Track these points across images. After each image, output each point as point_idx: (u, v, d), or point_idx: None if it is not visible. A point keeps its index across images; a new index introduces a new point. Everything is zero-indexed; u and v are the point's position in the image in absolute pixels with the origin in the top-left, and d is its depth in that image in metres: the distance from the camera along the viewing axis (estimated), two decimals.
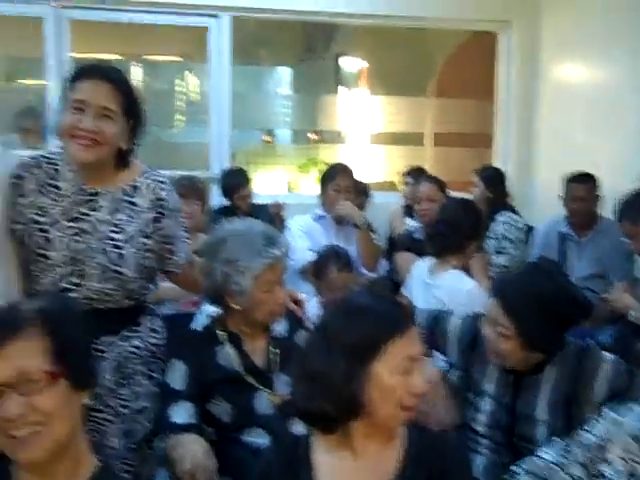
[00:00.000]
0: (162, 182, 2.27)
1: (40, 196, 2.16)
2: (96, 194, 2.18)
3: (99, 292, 2.15)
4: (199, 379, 2.22)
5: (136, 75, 7.88)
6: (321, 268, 3.29)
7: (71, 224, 2.15)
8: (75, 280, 2.14)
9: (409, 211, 4.96)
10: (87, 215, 2.16)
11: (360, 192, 4.50)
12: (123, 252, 2.16)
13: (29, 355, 1.41)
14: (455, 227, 3.27)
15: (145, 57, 8.25)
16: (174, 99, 6.59)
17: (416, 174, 4.98)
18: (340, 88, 7.49)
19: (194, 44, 6.74)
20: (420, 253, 3.67)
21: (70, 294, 2.13)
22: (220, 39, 5.16)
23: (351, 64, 7.51)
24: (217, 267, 2.21)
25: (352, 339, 1.53)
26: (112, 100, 2.10)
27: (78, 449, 1.52)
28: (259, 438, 2.23)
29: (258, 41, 7.07)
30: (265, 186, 5.91)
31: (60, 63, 4.84)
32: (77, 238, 2.14)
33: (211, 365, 2.25)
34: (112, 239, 2.16)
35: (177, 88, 7.04)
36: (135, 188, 2.22)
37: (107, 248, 2.15)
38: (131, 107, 2.16)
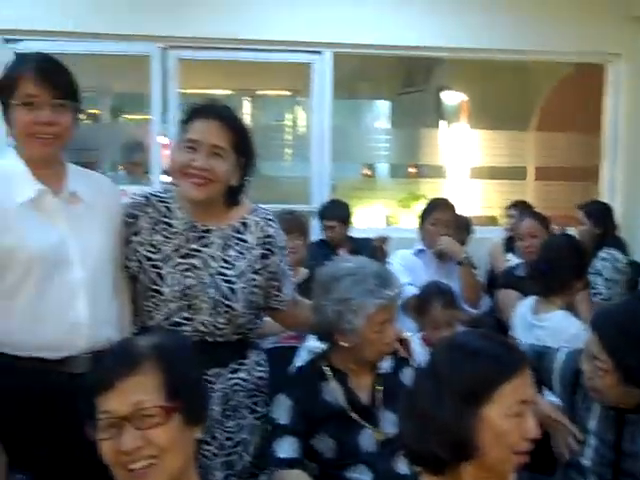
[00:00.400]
0: (270, 220, 2.32)
1: (153, 234, 2.23)
2: (208, 231, 2.24)
3: (209, 325, 2.20)
4: (304, 414, 2.24)
5: (246, 110, 8.10)
6: (424, 304, 3.27)
7: (183, 260, 2.21)
8: (187, 314, 2.19)
9: (511, 245, 4.89)
10: (198, 251, 2.22)
11: (462, 227, 4.45)
12: (234, 287, 2.20)
13: (145, 390, 1.45)
14: (558, 266, 3.20)
15: (255, 92, 8.47)
16: (282, 133, 6.72)
17: (521, 207, 4.92)
18: (440, 121, 7.47)
19: (302, 79, 6.90)
20: (522, 290, 3.60)
21: (181, 328, 2.18)
22: (322, 75, 5.26)
23: (451, 97, 7.50)
24: (329, 305, 2.23)
25: (464, 381, 1.52)
26: (222, 138, 2.16)
27: None
28: (362, 475, 2.22)
29: (357, 75, 7.15)
30: (364, 220, 5.93)
31: (166, 99, 5.04)
32: (189, 274, 2.19)
33: (316, 401, 2.26)
34: (223, 274, 2.21)
35: (285, 122, 7.18)
36: (245, 225, 2.27)
37: (219, 283, 2.20)
38: (242, 145, 2.21)
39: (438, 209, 4.03)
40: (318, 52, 5.21)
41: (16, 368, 2.04)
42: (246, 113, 8.19)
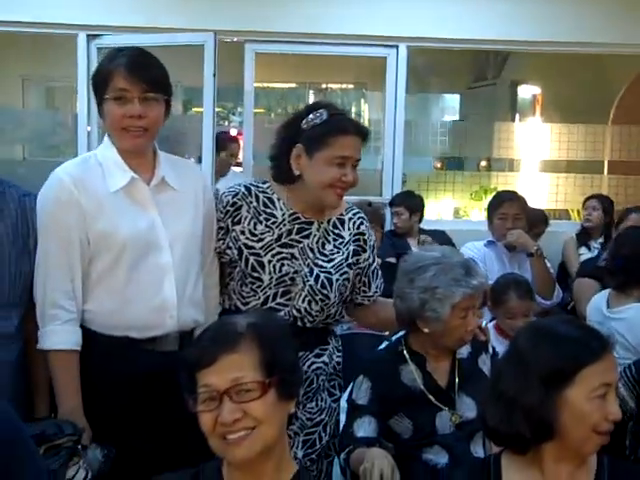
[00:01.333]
0: (363, 218, 2.44)
1: (255, 223, 2.31)
2: (309, 223, 2.33)
3: (303, 312, 2.30)
4: (383, 396, 2.30)
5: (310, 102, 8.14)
6: (500, 295, 3.30)
7: (283, 249, 2.30)
8: (282, 300, 2.29)
9: (584, 239, 4.89)
10: (298, 242, 2.31)
11: (538, 220, 4.46)
12: (332, 278, 2.31)
13: (243, 367, 1.54)
14: (634, 260, 3.20)
15: (319, 85, 8.56)
16: None
17: (602, 199, 4.93)
18: (513, 115, 7.43)
19: (369, 72, 6.93)
20: (602, 280, 3.61)
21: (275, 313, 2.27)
22: (397, 68, 5.31)
23: (524, 91, 7.44)
24: (414, 293, 2.28)
25: (548, 365, 1.57)
26: (360, 151, 2.28)
27: (282, 453, 1.63)
28: (438, 456, 2.28)
29: (429, 69, 7.16)
30: (435, 212, 5.98)
31: (241, 91, 5.19)
32: (288, 262, 2.29)
33: (395, 383, 2.32)
34: (321, 266, 2.31)
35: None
36: (342, 221, 2.38)
37: (317, 273, 2.30)
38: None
39: (505, 203, 4.06)
40: (393, 46, 5.25)
41: (107, 346, 2.15)
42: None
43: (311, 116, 2.26)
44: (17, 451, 1.58)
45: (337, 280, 2.32)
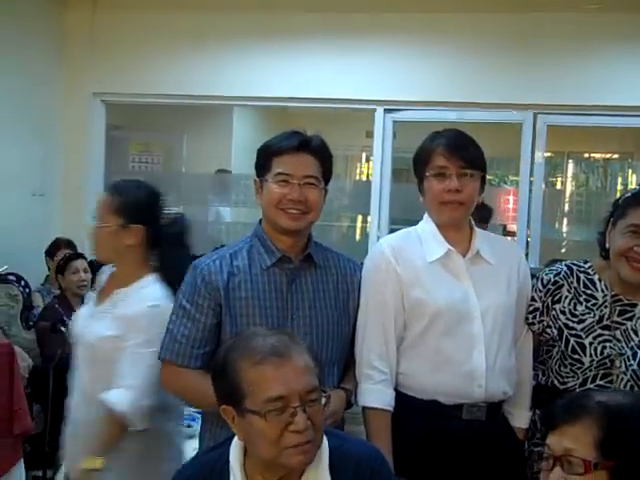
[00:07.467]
0: None
1: (575, 304, 2.34)
2: (632, 305, 2.32)
3: None
4: None
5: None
6: None
7: (604, 332, 2.30)
8: (602, 383, 2.27)
9: None
10: (620, 324, 2.31)
11: None
12: None
13: (577, 440, 1.54)
14: None
15: (581, 154, 8.39)
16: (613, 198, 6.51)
17: None
18: None
19: (634, 142, 6.67)
20: None
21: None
22: None
23: None
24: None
25: None
26: None
27: None
28: None
29: None
30: None
31: (532, 163, 5.28)
32: (610, 345, 2.29)
33: None
34: None
35: (619, 187, 6.93)
36: None
37: None
38: None
39: None
40: None
41: (415, 408, 2.26)
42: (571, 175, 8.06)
43: (628, 192, 2.32)
44: None
45: None
